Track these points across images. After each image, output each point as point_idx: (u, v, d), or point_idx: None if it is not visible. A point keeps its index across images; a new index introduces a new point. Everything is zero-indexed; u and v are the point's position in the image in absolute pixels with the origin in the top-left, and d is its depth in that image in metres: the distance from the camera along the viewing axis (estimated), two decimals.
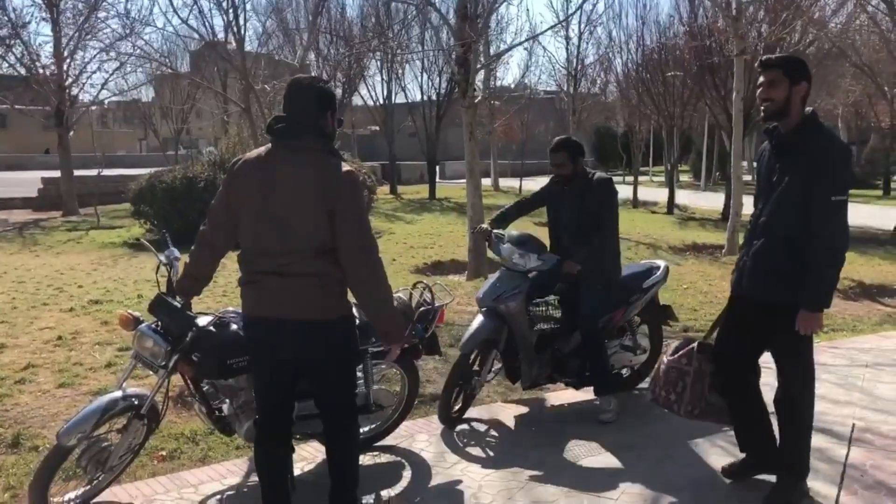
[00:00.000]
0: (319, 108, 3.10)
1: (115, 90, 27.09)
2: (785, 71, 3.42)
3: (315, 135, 3.08)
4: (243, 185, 3.13)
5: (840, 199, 3.33)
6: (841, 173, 3.39)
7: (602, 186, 4.93)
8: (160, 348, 3.47)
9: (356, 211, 3.06)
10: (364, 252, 3.07)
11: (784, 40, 16.13)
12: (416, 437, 4.55)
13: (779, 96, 3.43)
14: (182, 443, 4.50)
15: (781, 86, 3.41)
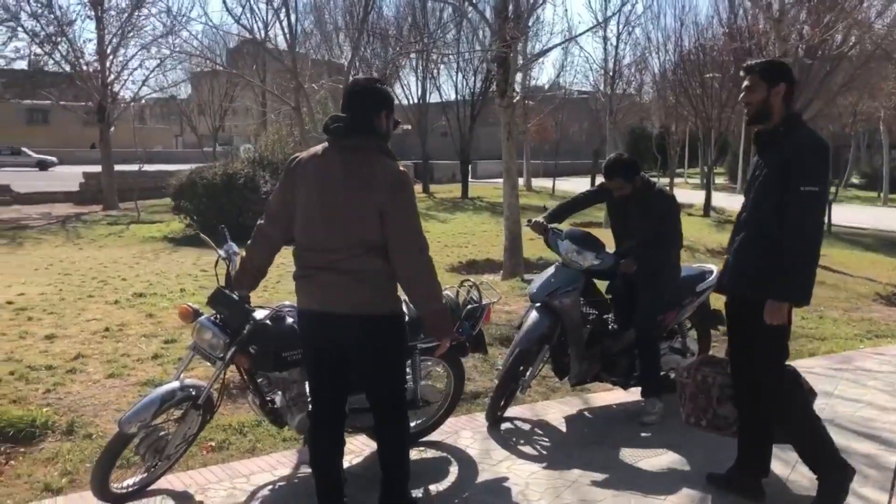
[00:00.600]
0: (375, 108, 3.16)
1: (154, 87, 27.51)
2: (762, 75, 3.54)
3: (370, 134, 3.14)
4: (300, 183, 3.20)
5: (810, 189, 3.35)
6: (813, 165, 3.40)
7: (665, 203, 4.97)
8: (219, 340, 3.55)
9: (408, 209, 3.13)
10: (415, 250, 3.14)
11: (826, 42, 15.92)
12: (461, 433, 4.59)
13: (756, 99, 3.54)
14: (230, 434, 4.58)
15: (759, 89, 3.53)
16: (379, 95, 3.19)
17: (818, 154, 3.44)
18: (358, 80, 3.29)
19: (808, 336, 7.35)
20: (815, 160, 3.41)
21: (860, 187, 35.89)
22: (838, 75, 17.62)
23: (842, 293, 9.78)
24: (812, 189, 3.35)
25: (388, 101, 3.23)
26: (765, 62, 3.67)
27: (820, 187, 3.38)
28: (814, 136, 3.54)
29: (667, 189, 5.15)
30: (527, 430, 4.74)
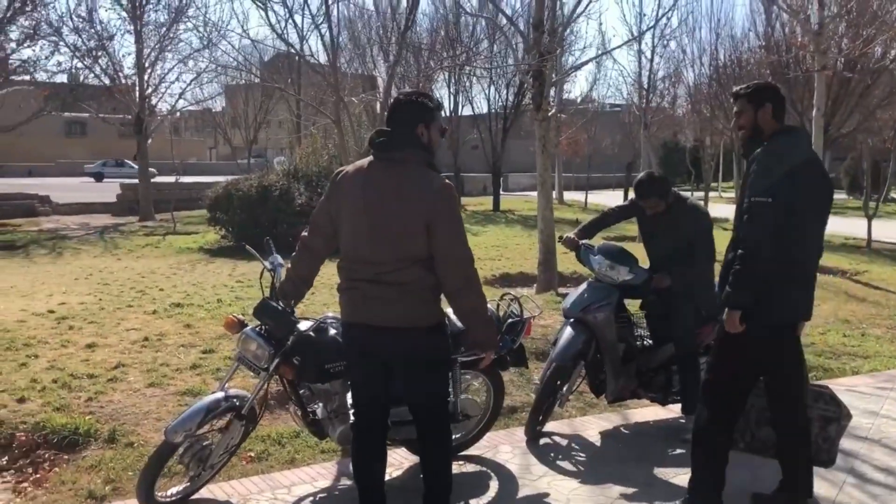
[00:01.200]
0: (415, 120, 3.18)
1: (191, 100, 27.94)
2: (748, 98, 3.56)
3: (414, 148, 3.16)
4: (345, 196, 3.22)
5: (759, 200, 3.31)
6: (764, 175, 3.36)
7: (698, 216, 4.94)
8: (264, 351, 3.58)
9: (453, 223, 3.14)
10: (461, 263, 3.17)
11: (866, 56, 15.70)
12: (500, 448, 4.57)
13: (746, 122, 3.57)
14: (269, 445, 4.61)
15: (747, 113, 3.55)
16: (417, 108, 3.21)
17: (772, 164, 3.38)
18: (399, 94, 3.34)
19: (851, 354, 7.21)
20: (768, 171, 3.37)
21: None
22: (878, 89, 17.37)
23: (884, 310, 9.58)
24: (762, 200, 3.31)
25: (428, 113, 3.23)
26: (749, 86, 3.68)
27: (773, 198, 3.30)
28: (777, 147, 3.45)
29: (700, 203, 5.12)
30: (565, 446, 4.70)
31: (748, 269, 3.34)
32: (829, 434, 3.72)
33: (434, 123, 3.22)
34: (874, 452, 4.51)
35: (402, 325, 3.15)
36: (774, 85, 3.73)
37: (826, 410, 3.74)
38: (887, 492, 3.97)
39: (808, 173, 3.39)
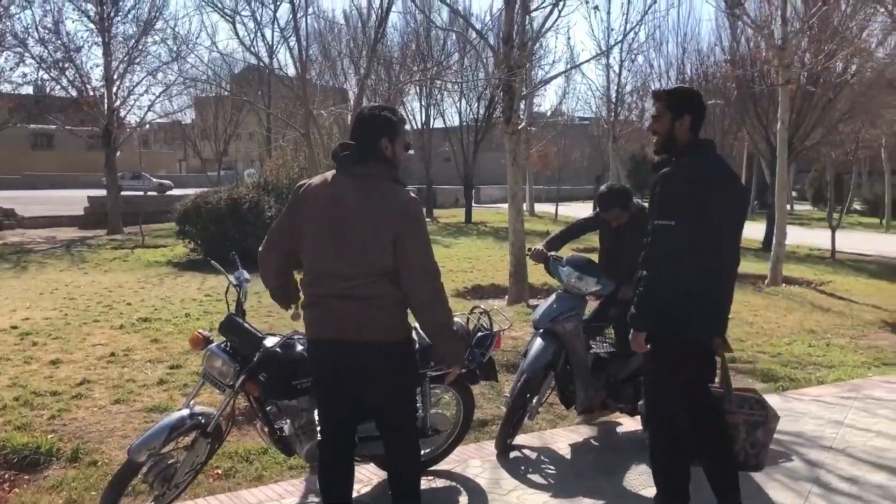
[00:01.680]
0: (377, 135, 3.17)
1: (160, 112, 27.67)
2: (668, 104, 3.46)
3: (377, 162, 3.16)
4: (309, 209, 3.20)
5: (662, 223, 3.28)
6: (666, 197, 3.32)
7: None
8: (229, 368, 3.54)
9: (420, 237, 3.13)
10: (427, 277, 3.14)
11: (828, 70, 16.01)
12: (470, 462, 4.55)
13: (662, 129, 3.47)
14: (237, 461, 4.55)
15: (664, 118, 3.45)
16: (379, 121, 3.19)
17: (673, 186, 3.33)
18: (364, 108, 3.33)
19: (816, 364, 7.32)
20: (670, 193, 3.32)
21: (863, 213, 35.92)
22: (840, 103, 17.71)
23: (848, 320, 9.74)
24: (665, 223, 3.27)
25: (391, 127, 3.20)
26: (673, 90, 3.57)
27: (677, 221, 3.25)
28: (680, 167, 3.37)
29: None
30: (535, 459, 4.70)
31: (649, 292, 3.34)
32: (757, 438, 3.72)
33: (398, 137, 3.20)
34: (839, 462, 4.57)
35: (369, 339, 3.13)
36: (697, 93, 3.62)
37: (752, 415, 3.72)
38: (852, 501, 4.02)
39: (713, 193, 3.33)
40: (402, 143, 3.22)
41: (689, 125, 3.43)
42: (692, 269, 3.30)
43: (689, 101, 3.49)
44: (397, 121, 3.22)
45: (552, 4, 10.13)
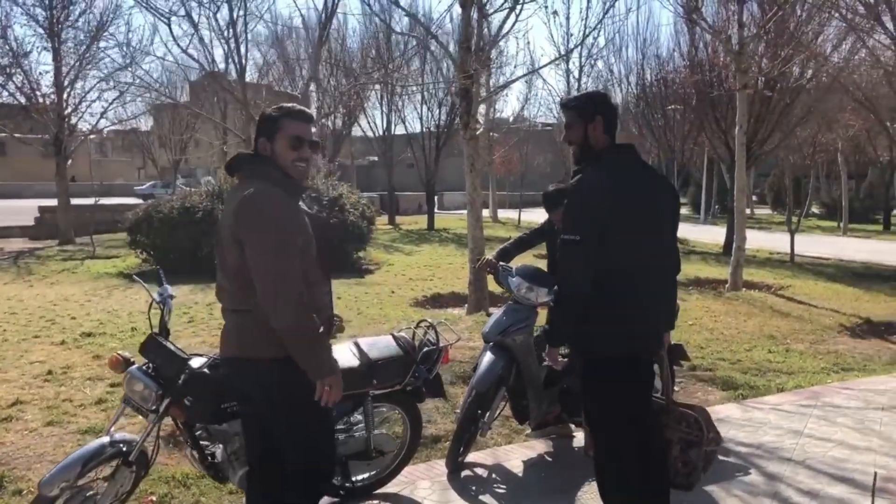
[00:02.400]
0: (258, 136, 2.98)
1: (113, 119, 27.13)
2: (578, 111, 3.37)
3: (251, 164, 2.96)
4: None
5: (567, 237, 3.19)
6: (570, 210, 3.26)
7: None
8: (150, 392, 3.29)
9: (258, 233, 2.77)
10: (267, 277, 2.74)
11: (785, 75, 16.13)
12: (418, 483, 4.34)
13: (576, 138, 3.38)
14: (173, 487, 4.30)
15: (577, 127, 3.36)
16: (259, 122, 3.03)
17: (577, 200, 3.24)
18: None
19: (776, 370, 7.23)
20: (574, 206, 3.24)
21: (820, 217, 36.47)
22: (797, 107, 17.86)
23: (807, 325, 9.71)
24: (570, 238, 3.18)
25: (268, 125, 2.94)
26: (579, 97, 3.47)
27: (581, 235, 3.14)
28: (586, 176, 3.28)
29: None
30: (488, 478, 4.50)
31: (559, 307, 3.31)
32: (690, 458, 3.58)
33: (279, 134, 2.91)
34: (798, 475, 4.44)
35: (242, 356, 2.90)
36: (604, 94, 3.53)
37: (688, 434, 3.57)
38: None
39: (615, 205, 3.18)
40: (285, 139, 2.91)
41: (603, 127, 3.31)
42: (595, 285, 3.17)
43: (597, 103, 3.38)
44: (279, 116, 2.94)
45: (509, 8, 10.01)
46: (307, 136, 2.95)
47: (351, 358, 3.84)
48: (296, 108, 3.00)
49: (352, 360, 3.83)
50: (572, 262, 3.18)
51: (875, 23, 11.85)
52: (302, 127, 2.94)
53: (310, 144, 2.97)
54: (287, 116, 2.95)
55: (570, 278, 3.21)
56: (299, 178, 2.97)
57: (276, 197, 2.81)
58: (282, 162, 2.92)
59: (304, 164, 2.96)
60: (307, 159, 2.97)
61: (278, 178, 2.89)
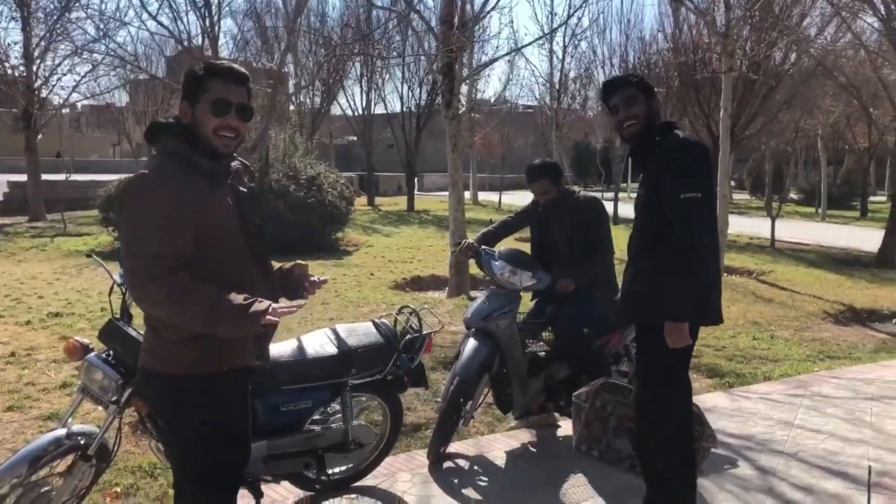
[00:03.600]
0: (182, 100, 2.48)
1: (86, 93, 26.39)
2: (640, 87, 3.35)
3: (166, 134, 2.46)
4: None
5: (690, 195, 3.09)
6: (688, 169, 3.15)
7: (592, 206, 4.78)
8: (110, 381, 3.05)
9: (127, 215, 2.36)
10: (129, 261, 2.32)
11: (769, 59, 16.00)
12: (398, 476, 4.14)
13: (641, 112, 3.32)
14: (139, 477, 4.08)
15: (640, 102, 3.32)
16: (183, 83, 2.48)
17: (693, 157, 3.20)
18: None
19: (762, 357, 7.12)
20: (692, 164, 3.18)
21: (799, 203, 36.59)
22: (780, 92, 17.77)
23: (791, 311, 9.63)
24: (692, 195, 3.09)
25: (191, 86, 2.44)
26: (637, 75, 3.49)
27: (702, 193, 3.12)
28: (687, 140, 3.28)
29: (593, 194, 5.00)
30: (469, 470, 4.31)
31: (694, 274, 3.07)
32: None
33: (203, 96, 2.40)
34: (791, 468, 4.29)
35: (144, 365, 2.51)
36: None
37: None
38: None
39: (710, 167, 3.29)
40: (208, 104, 2.40)
41: (659, 107, 3.38)
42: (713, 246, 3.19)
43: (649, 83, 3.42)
44: (204, 76, 2.42)
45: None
46: (236, 99, 2.43)
47: (328, 345, 3.62)
48: (225, 65, 2.48)
49: (329, 347, 3.61)
50: (697, 220, 3.09)
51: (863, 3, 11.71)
52: (230, 88, 2.42)
53: (238, 110, 2.43)
54: (213, 76, 2.42)
55: (698, 237, 3.08)
56: (224, 149, 2.45)
57: (155, 177, 2.35)
58: (203, 131, 2.40)
59: (231, 135, 2.43)
60: (235, 128, 2.43)
61: (186, 153, 2.41)
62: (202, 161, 2.42)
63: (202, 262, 2.35)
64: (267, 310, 2.27)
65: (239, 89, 2.45)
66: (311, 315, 8.44)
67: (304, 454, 3.60)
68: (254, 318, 2.26)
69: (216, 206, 2.42)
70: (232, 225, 2.46)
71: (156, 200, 2.30)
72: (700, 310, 3.15)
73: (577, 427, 3.87)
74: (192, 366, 2.40)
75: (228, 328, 2.29)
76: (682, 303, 3.10)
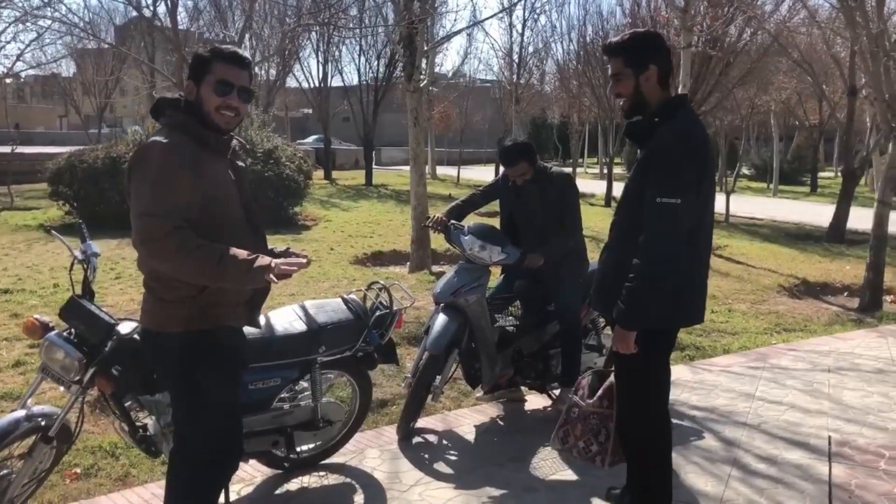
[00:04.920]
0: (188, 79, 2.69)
1: (31, 62, 25.52)
2: (626, 59, 2.92)
3: (172, 109, 2.67)
4: None
5: (668, 201, 2.76)
6: (675, 169, 2.80)
7: (563, 182, 4.74)
8: (72, 360, 2.94)
9: (137, 182, 2.49)
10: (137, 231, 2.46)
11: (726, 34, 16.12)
12: (366, 452, 4.10)
13: (626, 90, 2.96)
14: (100, 458, 3.98)
15: (626, 80, 2.94)
16: (190, 63, 2.74)
17: (685, 155, 2.82)
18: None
19: (720, 331, 7.22)
20: (679, 163, 2.80)
21: (751, 178, 37.21)
22: (735, 69, 17.94)
23: (747, 285, 9.80)
24: (671, 202, 2.76)
25: (197, 66, 2.65)
26: (627, 39, 2.93)
27: (682, 198, 2.76)
28: (685, 132, 2.88)
29: (564, 169, 5.01)
30: (439, 445, 4.30)
31: (652, 283, 2.83)
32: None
33: (207, 77, 2.60)
34: (755, 440, 4.37)
35: (146, 326, 2.71)
36: (657, 35, 3.06)
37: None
38: (772, 484, 3.80)
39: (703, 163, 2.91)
40: (212, 84, 2.59)
41: (657, 78, 2.93)
42: (691, 253, 2.92)
43: (649, 48, 2.94)
44: (210, 58, 2.62)
45: None
46: (238, 81, 2.63)
47: (296, 322, 3.55)
48: (230, 49, 2.67)
49: (297, 324, 3.54)
50: (670, 229, 2.80)
51: None
52: (233, 71, 2.62)
53: (240, 92, 2.63)
54: (219, 58, 2.62)
55: (668, 248, 2.81)
56: (225, 127, 2.65)
57: (168, 144, 2.50)
58: (206, 108, 2.61)
59: (232, 114, 2.63)
60: (235, 108, 2.63)
61: (194, 127, 2.60)
62: (208, 134, 2.62)
63: (205, 227, 2.50)
64: (270, 265, 2.44)
65: (241, 73, 2.65)
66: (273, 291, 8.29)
67: (272, 432, 3.54)
68: (259, 272, 2.43)
69: (219, 176, 2.64)
70: (232, 195, 2.67)
71: (170, 165, 2.46)
72: (650, 317, 2.90)
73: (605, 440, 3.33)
74: (189, 322, 2.59)
75: (235, 279, 2.46)
76: (633, 309, 2.86)
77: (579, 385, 3.50)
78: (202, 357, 2.63)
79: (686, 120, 2.96)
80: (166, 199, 2.43)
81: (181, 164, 2.48)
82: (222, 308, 2.66)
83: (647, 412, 3.14)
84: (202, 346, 2.63)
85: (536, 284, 4.75)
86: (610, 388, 3.30)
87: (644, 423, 3.16)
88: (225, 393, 2.75)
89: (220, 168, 2.67)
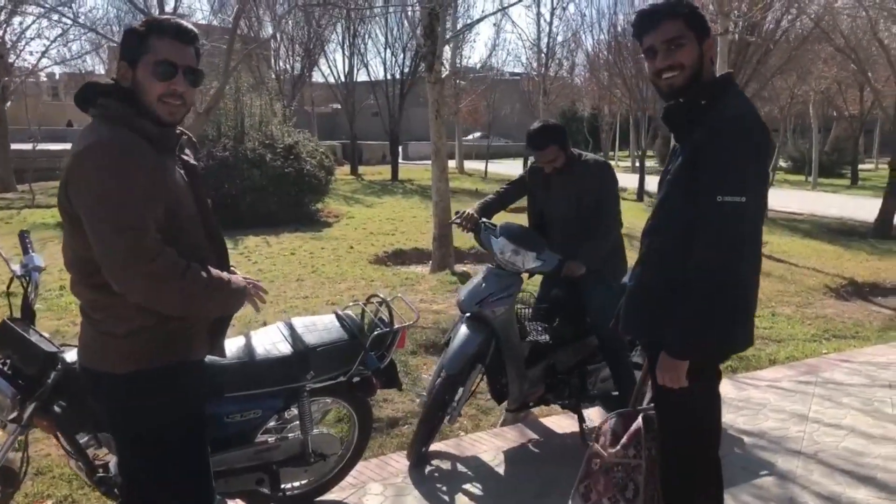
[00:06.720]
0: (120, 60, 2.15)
1: (56, 59, 25.43)
2: (690, 23, 2.35)
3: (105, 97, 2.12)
4: None
5: (732, 200, 2.25)
6: (737, 161, 2.28)
7: (602, 171, 4.16)
8: (4, 397, 2.51)
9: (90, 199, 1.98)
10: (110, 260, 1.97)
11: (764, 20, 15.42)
12: (368, 487, 3.63)
13: (690, 59, 2.37)
14: (75, 488, 3.60)
15: (690, 43, 2.36)
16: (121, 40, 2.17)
17: (746, 142, 2.29)
18: None
19: (764, 338, 6.64)
20: (742, 153, 2.28)
21: (788, 171, 36.14)
22: (774, 57, 17.20)
23: (791, 286, 9.18)
24: (735, 200, 2.25)
25: (129, 46, 2.10)
26: (689, 4, 2.38)
27: (747, 196, 2.26)
28: (744, 115, 2.37)
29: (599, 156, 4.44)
30: (454, 475, 3.81)
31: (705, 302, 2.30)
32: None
33: (145, 57, 2.08)
34: (812, 473, 3.81)
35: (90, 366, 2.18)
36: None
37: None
38: None
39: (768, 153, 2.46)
40: (150, 66, 2.08)
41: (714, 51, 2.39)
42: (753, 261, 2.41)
43: (704, 18, 2.40)
44: (146, 32, 2.09)
45: None
46: (183, 61, 2.11)
47: (281, 343, 3.08)
48: (172, 21, 2.14)
49: (282, 346, 3.06)
50: (734, 234, 2.28)
51: None
52: (176, 48, 2.10)
53: (186, 73, 2.12)
54: (157, 33, 2.09)
55: (732, 259, 2.30)
56: (170, 118, 2.13)
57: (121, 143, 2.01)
58: (147, 98, 2.08)
59: (178, 101, 2.12)
60: (181, 95, 2.11)
61: (134, 119, 2.07)
62: (151, 128, 2.10)
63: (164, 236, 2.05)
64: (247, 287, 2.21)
65: (186, 49, 2.14)
66: (286, 293, 7.91)
67: (255, 469, 3.08)
68: (239, 294, 2.19)
69: (171, 178, 2.14)
70: (187, 200, 2.18)
71: (128, 170, 1.99)
72: (709, 347, 2.42)
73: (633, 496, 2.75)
74: (150, 360, 2.12)
75: (217, 306, 2.18)
76: (689, 336, 2.36)
77: (600, 430, 2.96)
78: (158, 402, 2.15)
79: (741, 102, 2.44)
80: (138, 212, 1.97)
81: (143, 168, 2.02)
82: (183, 340, 2.18)
83: (696, 455, 2.63)
84: (158, 387, 2.14)
85: (575, 292, 4.22)
86: (636, 432, 2.73)
87: (694, 469, 2.63)
88: (189, 446, 2.25)
89: (171, 168, 2.16)
